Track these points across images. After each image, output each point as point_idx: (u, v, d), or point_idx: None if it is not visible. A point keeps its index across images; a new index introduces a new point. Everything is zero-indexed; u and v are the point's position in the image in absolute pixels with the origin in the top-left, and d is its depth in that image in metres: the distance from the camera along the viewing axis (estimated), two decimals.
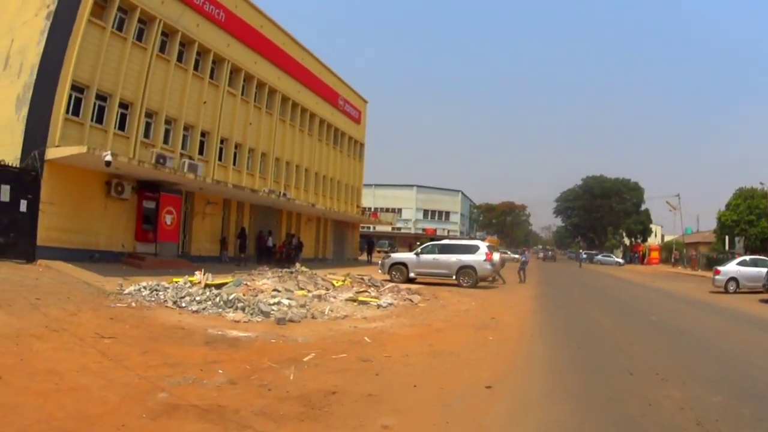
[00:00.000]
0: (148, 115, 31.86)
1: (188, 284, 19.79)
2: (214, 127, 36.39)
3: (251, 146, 39.98)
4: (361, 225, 62.54)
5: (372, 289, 23.41)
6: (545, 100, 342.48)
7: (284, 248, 40.78)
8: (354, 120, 54.42)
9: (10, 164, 24.68)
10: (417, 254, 31.45)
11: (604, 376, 10.80)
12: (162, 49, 32.69)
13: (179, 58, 33.80)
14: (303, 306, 17.31)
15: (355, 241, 57.18)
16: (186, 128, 34.48)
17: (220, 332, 13.38)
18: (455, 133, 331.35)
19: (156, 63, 31.98)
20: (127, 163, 25.93)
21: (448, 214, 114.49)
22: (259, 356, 11.13)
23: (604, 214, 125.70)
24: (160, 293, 18.40)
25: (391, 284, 25.65)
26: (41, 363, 9.43)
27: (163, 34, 32.66)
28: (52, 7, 27.99)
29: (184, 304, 16.92)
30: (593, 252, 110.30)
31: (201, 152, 35.75)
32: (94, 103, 28.41)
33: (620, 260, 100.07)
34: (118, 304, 16.35)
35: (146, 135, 31.83)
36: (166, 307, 16.70)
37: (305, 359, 11.02)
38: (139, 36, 31.21)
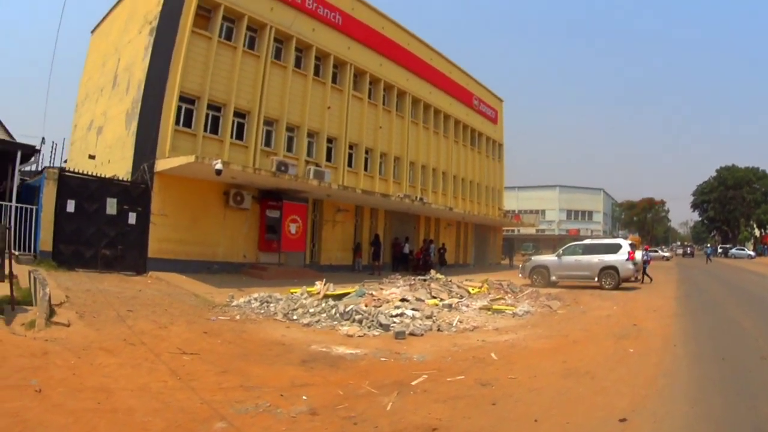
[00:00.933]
0: (268, 123, 26.73)
1: (305, 295, 16.38)
2: (341, 133, 30.21)
3: (383, 151, 33.23)
4: (504, 228, 53.19)
5: (509, 295, 19.42)
6: (676, 91, 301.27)
7: (421, 255, 33.60)
8: (490, 120, 45.73)
9: (118, 178, 21.88)
10: (558, 256, 25.51)
11: (748, 397, 7.58)
12: (277, 55, 27.47)
13: (297, 64, 28.33)
14: (429, 317, 13.97)
15: (497, 245, 47.88)
16: (310, 135, 28.79)
17: (324, 349, 10.70)
18: (594, 130, 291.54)
19: (272, 70, 26.73)
20: (242, 171, 21.66)
21: (590, 213, 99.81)
22: (360, 379, 8.47)
23: (737, 206, 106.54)
24: (271, 305, 15.41)
25: (530, 289, 21.07)
26: (94, 379, 7.65)
27: (277, 40, 27.39)
28: (155, 23, 24.55)
29: (295, 317, 14.06)
30: (728, 246, 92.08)
31: (329, 159, 29.79)
32: (207, 114, 24.08)
33: (751, 253, 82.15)
34: (220, 317, 13.71)
35: (267, 143, 26.75)
36: (275, 320, 13.91)
37: (414, 383, 8.30)
38: (251, 44, 26.29)
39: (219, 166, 19.12)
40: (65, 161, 31.07)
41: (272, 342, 11.12)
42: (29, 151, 20.31)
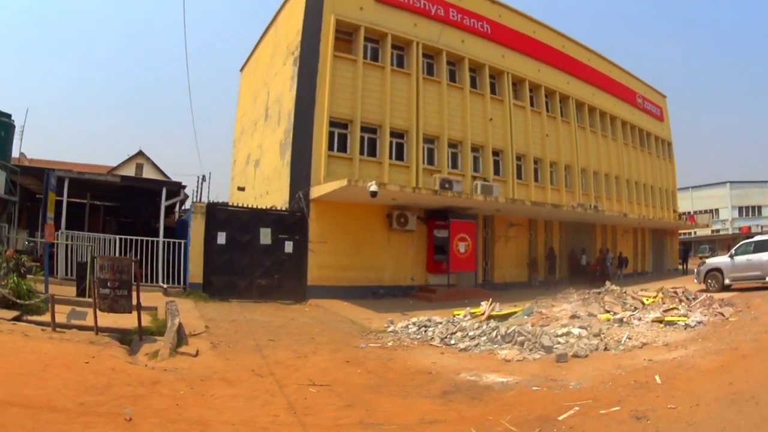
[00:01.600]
0: (428, 140, 22.68)
1: (467, 317, 14.14)
2: (506, 144, 25.25)
3: (552, 159, 27.59)
4: (680, 231, 43.35)
5: (683, 304, 15.58)
6: None
7: (598, 266, 27.44)
8: (656, 117, 37.32)
9: (274, 207, 19.95)
10: (731, 257, 20.57)
11: None
12: (429, 71, 23.46)
13: (451, 78, 24.10)
14: (597, 335, 11.36)
15: (674, 249, 38.10)
16: (475, 149, 24.18)
17: (472, 377, 8.46)
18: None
19: (425, 86, 22.80)
20: (401, 192, 18.33)
21: (760, 208, 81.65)
22: (501, 413, 6.61)
23: None
24: (429, 329, 12.95)
25: (704, 296, 16.77)
26: (196, 410, 6.47)
27: (426, 56, 23.43)
28: (297, 53, 21.98)
29: (453, 341, 11.67)
30: None
31: (497, 172, 24.88)
32: (362, 137, 20.90)
33: None
34: (371, 344, 11.46)
35: (429, 161, 22.62)
36: (431, 345, 11.52)
37: (561, 417, 6.37)
38: (399, 62, 22.68)
39: (374, 187, 16.47)
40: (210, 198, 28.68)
41: (417, 371, 9.20)
42: (175, 188, 18.64)
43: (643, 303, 15.22)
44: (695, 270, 22.08)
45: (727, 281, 19.80)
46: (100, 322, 9.91)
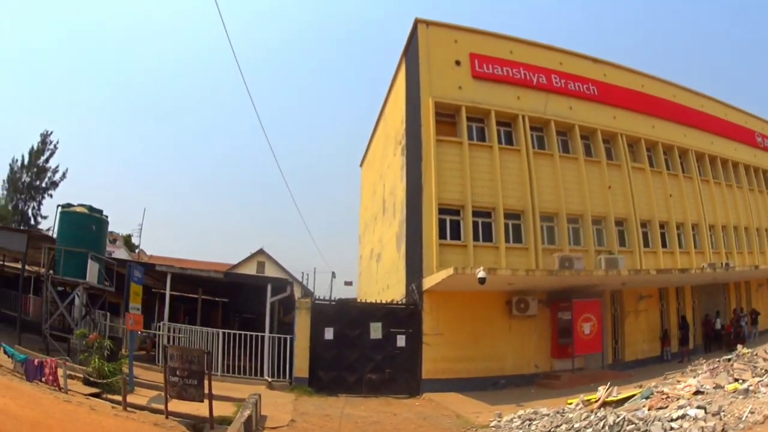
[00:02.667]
0: (546, 218, 18.82)
1: (579, 406, 11.20)
2: (629, 212, 20.46)
3: (678, 220, 22.19)
4: None
5: None
6: None
7: (732, 327, 21.48)
8: None
9: (381, 301, 17.73)
10: None
11: None
12: (540, 144, 19.74)
13: (563, 148, 20.07)
14: (717, 413, 8.43)
15: None
16: (596, 221, 19.72)
17: None
18: None
19: (537, 161, 19.13)
20: (512, 275, 15.01)
21: None
22: None
23: None
24: (534, 422, 10.28)
25: None
26: None
27: (534, 128, 19.73)
28: (404, 142, 19.48)
29: None
30: None
31: (622, 243, 20.14)
32: (476, 222, 17.52)
33: None
34: None
35: (549, 240, 18.72)
36: None
37: None
38: (507, 139, 19.21)
39: (482, 274, 13.70)
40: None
41: None
42: (281, 285, 16.77)
43: None
44: None
45: None
46: (182, 408, 9.56)
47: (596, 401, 11.14)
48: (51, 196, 34.10)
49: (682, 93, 23.62)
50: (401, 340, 16.12)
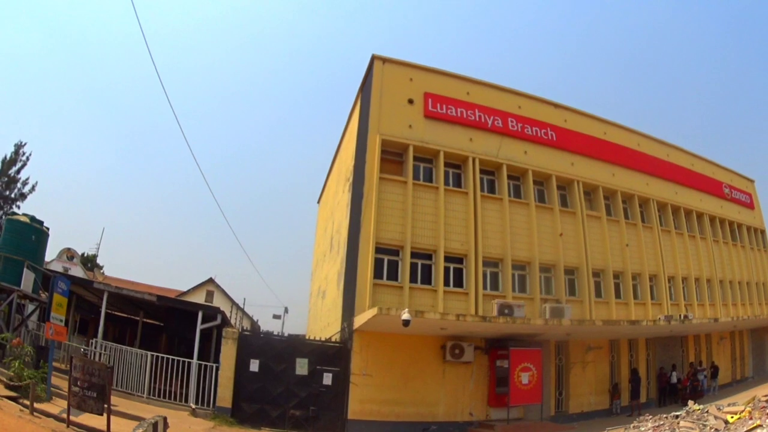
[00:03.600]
0: (490, 263, 17.98)
1: None
2: (580, 261, 19.64)
3: (634, 271, 21.34)
4: None
5: None
6: None
7: (688, 381, 20.49)
8: (746, 206, 28.82)
9: (310, 338, 18.14)
10: None
11: None
12: (490, 188, 19.14)
13: (515, 193, 19.48)
14: None
15: None
16: (545, 269, 18.96)
17: None
18: None
19: (484, 205, 18.42)
20: (440, 320, 14.33)
21: None
22: None
23: None
24: None
25: None
26: None
27: (485, 171, 19.12)
28: (351, 179, 18.89)
29: None
30: None
31: (572, 292, 19.29)
32: (414, 263, 16.74)
33: None
34: None
35: (493, 286, 17.90)
36: None
37: None
38: (456, 181, 18.57)
39: (406, 316, 13.23)
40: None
41: None
42: (211, 312, 16.07)
43: (726, 422, 11.08)
44: None
45: None
46: (87, 421, 9.53)
47: None
48: (18, 207, 33.52)
49: (646, 142, 23.02)
50: (328, 378, 15.43)
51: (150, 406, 13.43)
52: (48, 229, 16.37)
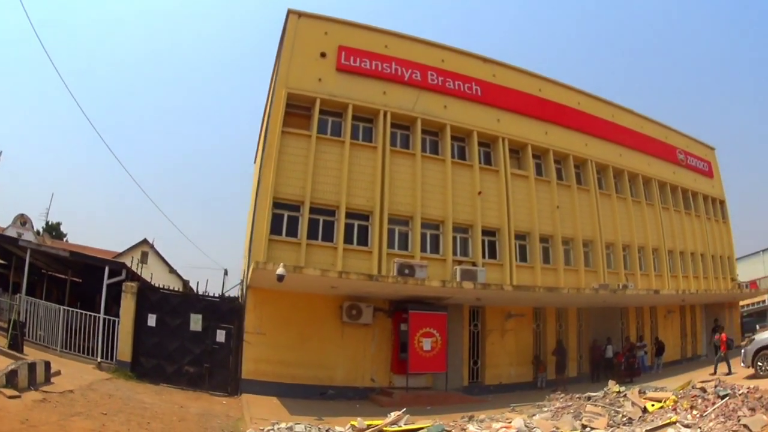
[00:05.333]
0: (399, 221, 16.36)
1: (350, 428, 8.99)
2: (502, 222, 17.95)
3: (565, 235, 19.57)
4: (749, 303, 29.86)
5: (693, 411, 8.73)
6: None
7: (623, 357, 18.38)
8: (704, 174, 26.28)
9: (204, 293, 15.32)
10: None
11: None
12: (404, 143, 17.45)
13: (433, 149, 17.82)
14: None
15: (735, 324, 25.02)
16: (461, 230, 17.30)
17: None
18: None
19: (394, 160, 16.88)
20: (319, 276, 12.88)
21: None
22: None
23: None
24: None
25: (729, 399, 8.66)
26: None
27: (399, 126, 17.46)
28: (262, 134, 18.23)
29: None
30: None
31: (492, 255, 17.57)
32: (316, 220, 15.39)
33: None
34: None
35: (402, 245, 16.22)
36: None
37: None
38: (368, 136, 16.93)
39: (280, 270, 12.07)
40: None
41: None
42: (117, 268, 15.22)
43: (644, 410, 9.52)
44: (742, 351, 13.99)
45: None
46: None
47: (373, 428, 9.07)
48: None
49: (588, 101, 21.32)
50: (221, 335, 14.44)
51: (62, 359, 13.05)
52: None
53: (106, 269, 14.88)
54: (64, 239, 33.47)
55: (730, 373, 14.58)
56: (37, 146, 74.03)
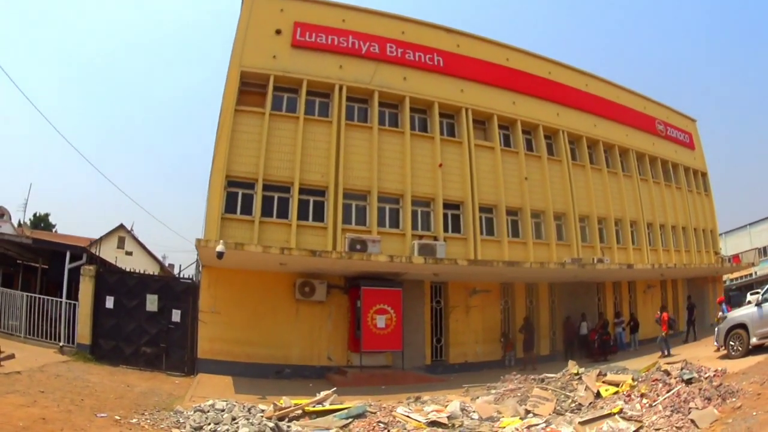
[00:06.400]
0: (356, 196, 15.69)
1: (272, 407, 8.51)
2: (465, 195, 17.13)
3: (535, 208, 18.62)
4: (732, 277, 29.21)
5: (644, 399, 7.77)
6: None
7: (596, 335, 17.25)
8: (684, 145, 24.76)
9: (158, 274, 16.67)
10: (759, 304, 11.17)
11: None
12: (361, 117, 16.68)
13: (392, 122, 16.99)
14: None
15: (717, 300, 20.83)
16: (422, 203, 16.52)
17: None
18: None
19: (350, 133, 16.09)
20: (260, 252, 12.41)
21: None
22: None
23: None
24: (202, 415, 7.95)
25: (683, 386, 7.86)
26: None
27: (356, 100, 16.71)
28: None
29: None
30: None
31: (456, 229, 16.79)
32: (270, 196, 14.81)
33: None
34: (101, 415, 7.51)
35: (359, 220, 15.54)
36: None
37: None
38: (324, 111, 16.19)
39: (219, 248, 11.66)
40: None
41: None
42: (78, 252, 14.75)
43: (598, 395, 8.72)
44: (715, 329, 12.79)
45: (754, 340, 11.05)
46: None
47: (297, 407, 8.62)
48: None
49: (560, 70, 20.43)
50: (176, 315, 14.05)
51: (26, 344, 12.94)
52: None
53: (68, 254, 14.54)
54: (53, 230, 33.44)
55: (668, 355, 13.81)
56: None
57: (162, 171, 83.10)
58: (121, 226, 28.21)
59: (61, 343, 13.52)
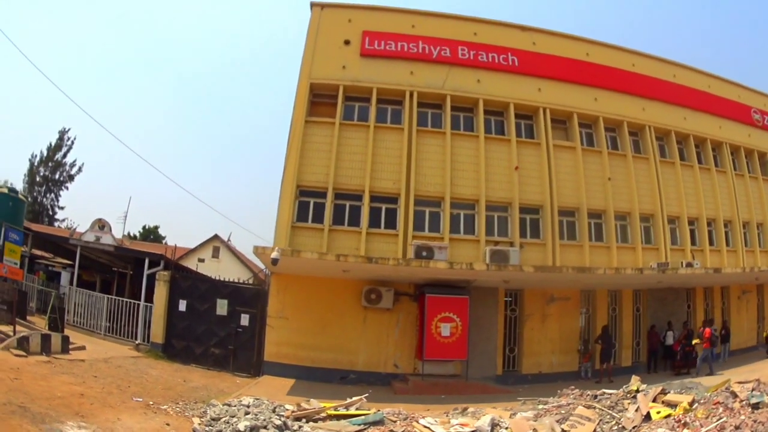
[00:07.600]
0: (429, 203, 14.64)
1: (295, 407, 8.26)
2: (544, 198, 15.17)
3: (620, 210, 16.10)
4: None
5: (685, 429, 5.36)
6: None
7: (679, 346, 14.79)
8: None
9: (230, 280, 15.05)
10: None
11: None
12: (435, 123, 15.62)
13: (467, 126, 15.77)
14: None
15: None
16: (497, 208, 15.01)
17: None
18: None
19: (424, 140, 15.10)
20: (317, 260, 11.82)
21: None
22: None
23: None
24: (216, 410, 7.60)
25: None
26: None
27: (427, 105, 15.58)
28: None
29: None
30: None
31: (535, 234, 15.05)
32: (342, 205, 14.30)
33: None
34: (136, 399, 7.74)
35: (434, 227, 14.57)
36: None
37: None
38: (396, 118, 15.54)
39: (274, 254, 10.98)
40: None
41: None
42: (156, 259, 15.19)
43: (646, 418, 6.95)
44: None
45: None
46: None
47: (310, 409, 8.22)
48: (67, 188, 34.31)
49: (644, 61, 17.36)
50: (245, 319, 13.93)
51: (105, 341, 13.40)
52: (26, 197, 16.29)
53: (146, 261, 14.85)
54: (163, 241, 34.22)
55: (711, 374, 11.61)
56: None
57: (250, 182, 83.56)
58: (216, 237, 29.35)
59: (137, 341, 13.92)
